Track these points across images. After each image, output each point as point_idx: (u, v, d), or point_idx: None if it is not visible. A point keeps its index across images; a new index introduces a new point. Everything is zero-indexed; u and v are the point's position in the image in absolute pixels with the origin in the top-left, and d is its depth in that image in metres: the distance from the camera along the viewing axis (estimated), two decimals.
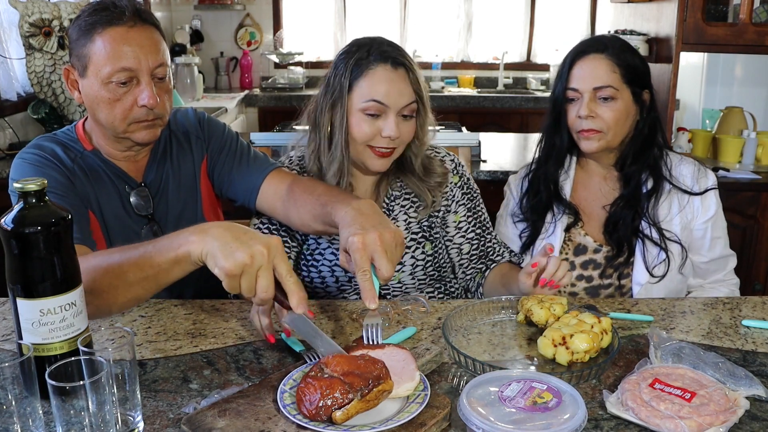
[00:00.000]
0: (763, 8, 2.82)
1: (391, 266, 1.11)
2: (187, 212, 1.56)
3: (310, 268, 1.59)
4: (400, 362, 1.00)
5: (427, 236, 1.60)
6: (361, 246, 1.10)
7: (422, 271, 1.59)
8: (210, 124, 1.61)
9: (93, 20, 1.34)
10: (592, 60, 1.60)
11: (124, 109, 1.37)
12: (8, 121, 2.89)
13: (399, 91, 1.45)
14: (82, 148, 1.47)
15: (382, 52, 1.46)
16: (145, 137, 1.42)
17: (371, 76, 1.45)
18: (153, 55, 1.37)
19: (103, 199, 1.46)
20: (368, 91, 1.45)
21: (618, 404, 0.99)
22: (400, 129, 1.46)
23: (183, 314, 1.34)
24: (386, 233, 1.12)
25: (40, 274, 0.95)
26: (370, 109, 1.45)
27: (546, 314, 1.24)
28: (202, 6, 4.94)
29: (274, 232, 1.56)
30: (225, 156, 1.57)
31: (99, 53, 1.34)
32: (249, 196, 1.52)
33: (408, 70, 1.46)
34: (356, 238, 1.10)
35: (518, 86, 5.13)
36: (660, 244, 1.61)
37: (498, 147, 3.21)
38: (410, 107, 1.47)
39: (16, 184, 0.94)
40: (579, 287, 1.68)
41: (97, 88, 1.36)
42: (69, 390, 0.85)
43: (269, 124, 4.61)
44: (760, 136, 2.89)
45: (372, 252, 1.10)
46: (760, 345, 1.23)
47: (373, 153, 1.47)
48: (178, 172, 1.55)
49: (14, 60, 2.94)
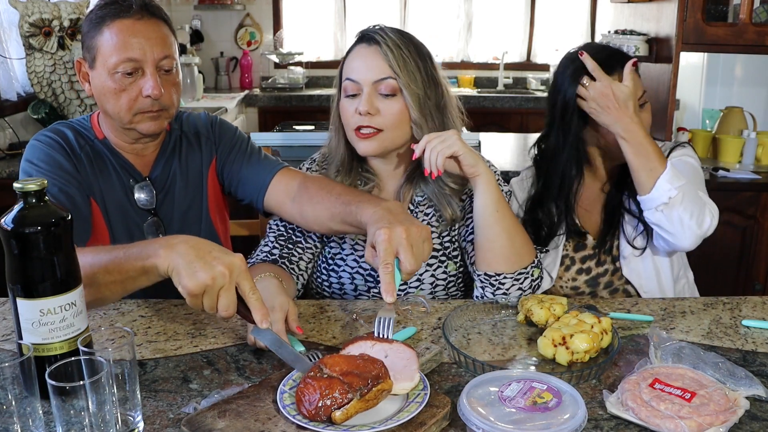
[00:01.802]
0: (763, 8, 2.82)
1: (416, 261, 1.12)
2: (193, 211, 1.57)
3: (330, 272, 1.57)
4: (404, 360, 1.00)
5: (448, 255, 1.54)
6: (387, 239, 1.12)
7: (444, 291, 1.55)
8: (222, 126, 1.63)
9: (103, 13, 1.38)
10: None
11: (129, 99, 1.40)
12: (8, 121, 2.89)
13: (368, 66, 1.42)
14: (94, 136, 1.51)
15: (362, 33, 1.46)
16: (150, 128, 1.44)
17: (350, 56, 1.47)
18: (158, 47, 1.39)
19: (107, 189, 1.48)
20: (345, 71, 1.46)
21: (618, 404, 0.99)
22: (379, 107, 1.42)
23: (183, 314, 1.35)
24: (413, 228, 1.15)
25: (40, 274, 0.95)
26: (347, 89, 1.45)
27: (546, 314, 1.24)
28: (202, 6, 4.94)
29: (290, 232, 1.55)
30: (235, 155, 1.58)
31: (106, 44, 1.37)
32: (257, 193, 1.53)
33: (381, 46, 1.42)
34: (383, 231, 1.13)
35: (518, 86, 5.13)
36: (637, 216, 1.62)
37: (498, 147, 3.21)
38: (387, 84, 1.41)
39: (16, 184, 0.95)
40: (580, 281, 1.69)
41: (105, 78, 1.39)
42: (69, 390, 0.85)
43: (269, 124, 4.61)
44: (760, 136, 2.89)
45: (397, 245, 1.12)
46: (760, 345, 1.23)
47: (356, 135, 1.45)
48: (185, 170, 1.56)
49: (14, 60, 2.94)
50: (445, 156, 1.35)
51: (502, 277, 1.39)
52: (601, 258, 1.69)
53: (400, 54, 1.42)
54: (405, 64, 1.42)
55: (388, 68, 1.42)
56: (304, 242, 1.55)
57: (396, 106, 1.43)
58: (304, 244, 1.55)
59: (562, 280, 1.70)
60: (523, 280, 1.39)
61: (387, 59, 1.41)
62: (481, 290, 1.42)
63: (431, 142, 1.36)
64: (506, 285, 1.39)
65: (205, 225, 1.59)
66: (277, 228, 1.57)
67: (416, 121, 1.44)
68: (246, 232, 2.00)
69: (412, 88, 1.42)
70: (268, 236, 1.57)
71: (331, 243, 1.57)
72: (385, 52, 1.41)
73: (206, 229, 1.59)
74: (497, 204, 1.37)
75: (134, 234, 1.50)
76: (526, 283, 1.40)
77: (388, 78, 1.42)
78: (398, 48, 1.42)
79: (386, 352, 1.01)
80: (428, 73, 1.46)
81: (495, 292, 1.39)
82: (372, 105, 1.42)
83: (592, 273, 1.69)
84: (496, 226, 1.38)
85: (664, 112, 2.79)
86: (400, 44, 1.43)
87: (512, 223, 1.40)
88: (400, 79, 1.41)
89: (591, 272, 1.69)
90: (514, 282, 1.39)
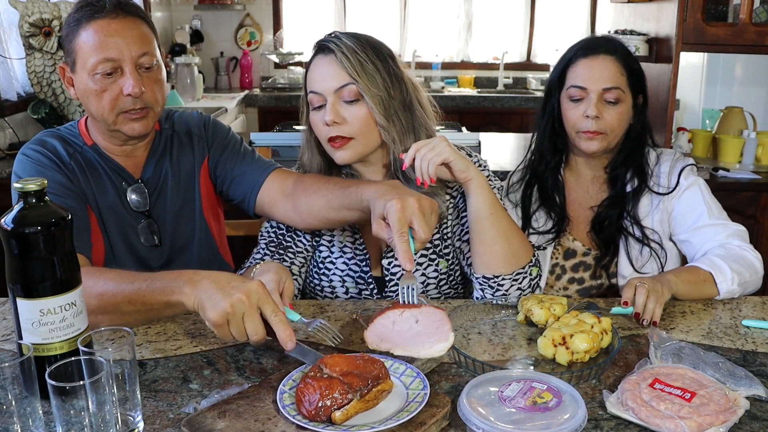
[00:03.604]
0: (763, 8, 2.82)
1: (429, 229, 1.16)
2: (185, 210, 1.57)
3: (321, 276, 1.57)
4: (435, 322, 1.02)
5: (438, 252, 1.54)
6: (400, 208, 1.14)
7: (436, 289, 1.55)
8: (214, 126, 1.62)
9: (78, 16, 1.39)
10: (603, 60, 1.59)
11: (111, 99, 1.39)
12: (8, 121, 2.89)
13: (327, 75, 1.42)
14: (83, 143, 1.50)
15: (318, 43, 1.46)
16: (135, 129, 1.43)
17: (310, 68, 1.47)
18: (136, 45, 1.39)
19: (101, 194, 1.48)
20: (308, 84, 1.46)
21: (618, 404, 0.99)
22: (344, 115, 1.41)
23: (183, 314, 1.34)
24: (423, 199, 1.18)
25: (40, 274, 0.95)
26: (312, 102, 1.45)
27: (546, 314, 1.24)
28: (202, 6, 4.94)
29: (280, 237, 1.55)
30: (228, 155, 1.58)
31: (84, 46, 1.38)
32: (250, 192, 1.53)
33: (336, 54, 1.40)
34: (395, 201, 1.15)
35: (518, 86, 5.13)
36: (642, 240, 1.62)
37: (498, 147, 3.22)
38: (348, 90, 1.40)
39: (16, 184, 0.95)
40: (571, 290, 1.69)
41: (86, 80, 1.39)
42: (69, 390, 0.85)
43: (269, 124, 4.61)
44: (760, 136, 2.89)
45: (410, 215, 1.15)
46: (760, 345, 1.23)
47: (331, 146, 1.45)
48: (177, 170, 1.56)
49: (14, 60, 2.94)
50: (436, 164, 1.33)
51: (500, 279, 1.38)
52: (597, 272, 1.68)
53: (356, 58, 1.40)
54: (363, 67, 1.40)
55: (346, 75, 1.40)
56: (295, 246, 1.55)
57: (361, 112, 1.41)
58: (294, 248, 1.55)
59: (553, 289, 1.70)
60: (521, 280, 1.39)
61: (343, 66, 1.40)
62: (480, 292, 1.42)
63: (420, 150, 1.34)
64: (505, 286, 1.39)
65: (198, 224, 1.58)
66: (267, 234, 1.56)
67: (382, 124, 1.42)
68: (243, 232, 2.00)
69: (373, 90, 1.41)
70: (259, 243, 1.56)
71: (320, 247, 1.57)
72: (341, 59, 1.40)
73: (200, 228, 1.58)
74: (491, 207, 1.37)
75: (129, 236, 1.50)
76: (525, 282, 1.40)
77: (348, 84, 1.40)
78: (354, 53, 1.41)
79: (416, 317, 1.03)
80: (390, 72, 1.44)
81: (495, 293, 1.39)
82: (337, 114, 1.41)
83: (585, 284, 1.69)
84: (492, 229, 1.37)
85: (664, 112, 2.79)
86: (356, 48, 1.41)
87: (507, 225, 1.39)
88: (360, 84, 1.40)
89: (584, 283, 1.69)
90: (513, 282, 1.39)
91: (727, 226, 1.56)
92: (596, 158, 1.68)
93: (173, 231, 1.55)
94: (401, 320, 1.02)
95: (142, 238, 1.51)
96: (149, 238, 1.52)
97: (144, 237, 1.51)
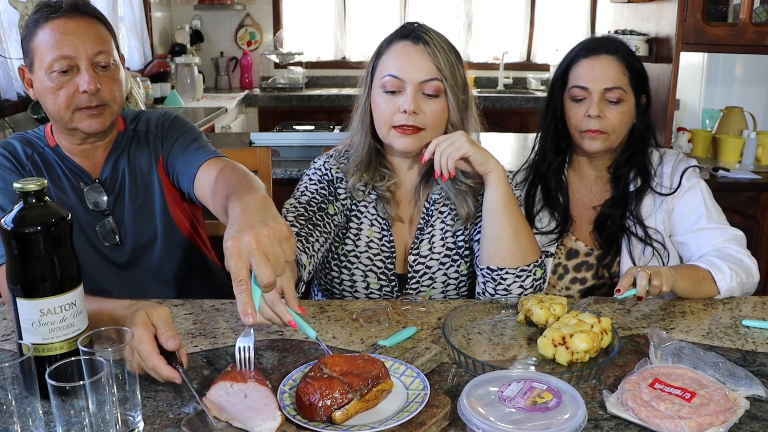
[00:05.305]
0: (763, 8, 2.82)
1: (271, 271, 0.92)
2: (145, 209, 1.57)
3: (342, 269, 1.55)
4: (263, 399, 0.92)
5: (461, 254, 1.54)
6: (235, 252, 0.92)
7: (455, 290, 1.56)
8: (172, 122, 1.60)
9: (36, 17, 1.42)
10: (604, 60, 1.60)
11: (67, 96, 1.41)
12: (8, 121, 2.89)
13: (415, 65, 1.42)
14: (46, 144, 1.52)
15: (404, 29, 1.46)
16: (92, 126, 1.44)
17: (390, 51, 1.45)
18: (91, 43, 1.41)
19: (59, 195, 1.49)
20: (385, 67, 1.44)
21: (618, 404, 0.99)
22: (422, 107, 1.42)
23: (183, 314, 1.34)
24: (263, 231, 0.94)
25: (40, 274, 0.95)
26: (387, 85, 1.43)
27: (546, 314, 1.24)
28: (202, 6, 4.94)
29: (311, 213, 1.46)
30: (176, 149, 1.55)
31: (40, 45, 1.40)
32: (188, 185, 1.51)
33: (430, 46, 1.42)
34: (230, 243, 0.93)
35: (518, 86, 5.13)
36: (645, 240, 1.62)
37: (498, 147, 3.21)
38: (432, 85, 1.42)
39: (16, 184, 0.95)
40: (573, 290, 1.69)
41: (43, 78, 1.41)
42: (69, 390, 0.85)
43: (269, 124, 4.61)
44: (760, 136, 2.89)
45: (248, 257, 0.92)
46: (760, 345, 1.23)
47: (396, 131, 1.44)
48: (134, 169, 1.56)
49: (14, 60, 2.94)
50: (455, 159, 1.37)
51: (504, 272, 1.39)
52: (600, 272, 1.68)
53: (446, 57, 1.43)
54: (450, 67, 1.44)
55: (435, 70, 1.42)
56: (323, 227, 1.47)
57: (438, 107, 1.44)
58: (322, 229, 1.47)
59: (555, 288, 1.70)
60: (525, 277, 1.39)
61: (435, 60, 1.42)
62: (482, 285, 1.43)
63: (440, 145, 1.38)
64: (508, 281, 1.39)
65: (162, 222, 1.57)
66: (295, 209, 1.47)
67: (454, 122, 1.46)
68: None
69: (456, 90, 1.44)
70: (286, 217, 1.45)
71: (346, 240, 1.55)
72: (434, 53, 1.42)
73: (164, 225, 1.57)
74: (506, 199, 1.39)
75: (90, 236, 1.51)
76: (528, 281, 1.40)
77: (434, 79, 1.42)
78: (443, 51, 1.43)
79: (244, 392, 0.93)
80: (463, 75, 1.48)
81: (496, 287, 1.40)
82: (417, 105, 1.42)
83: (587, 284, 1.69)
84: (503, 220, 1.39)
85: (664, 112, 2.79)
86: (445, 46, 1.44)
87: (519, 220, 1.41)
88: (447, 82, 1.42)
89: (586, 282, 1.69)
90: (515, 279, 1.39)
91: (725, 231, 1.57)
92: (599, 158, 1.68)
93: (134, 230, 1.55)
94: (233, 392, 0.93)
95: (102, 238, 1.52)
96: (109, 237, 1.52)
97: (104, 236, 1.52)
